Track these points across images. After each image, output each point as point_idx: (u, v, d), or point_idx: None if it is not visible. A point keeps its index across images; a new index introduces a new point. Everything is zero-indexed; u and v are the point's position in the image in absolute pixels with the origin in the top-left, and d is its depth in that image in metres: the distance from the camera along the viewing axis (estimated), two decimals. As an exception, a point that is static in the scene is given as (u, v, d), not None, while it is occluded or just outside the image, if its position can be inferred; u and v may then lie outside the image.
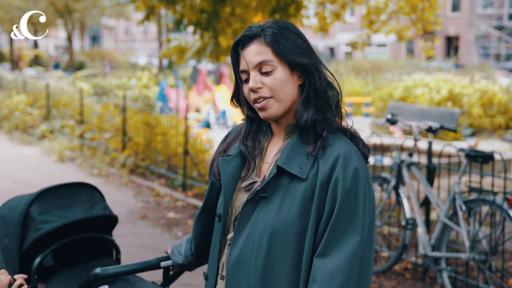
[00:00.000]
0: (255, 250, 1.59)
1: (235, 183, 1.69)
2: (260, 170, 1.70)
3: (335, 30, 42.33)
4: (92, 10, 34.32)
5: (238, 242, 1.63)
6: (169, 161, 8.35)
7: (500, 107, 13.54)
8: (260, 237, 1.59)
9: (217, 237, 1.72)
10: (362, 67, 22.14)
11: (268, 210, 1.60)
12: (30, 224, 2.42)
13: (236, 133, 1.79)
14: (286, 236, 1.57)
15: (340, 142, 1.62)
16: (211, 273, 1.74)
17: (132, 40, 59.98)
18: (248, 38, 1.64)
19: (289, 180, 1.59)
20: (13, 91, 14.90)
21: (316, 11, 10.03)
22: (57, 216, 2.46)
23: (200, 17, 7.46)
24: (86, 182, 2.71)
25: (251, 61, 1.62)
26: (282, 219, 1.58)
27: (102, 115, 10.38)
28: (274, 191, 1.61)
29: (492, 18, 38.77)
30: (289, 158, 1.61)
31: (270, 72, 1.61)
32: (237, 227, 1.64)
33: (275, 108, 1.63)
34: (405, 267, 5.09)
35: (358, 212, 1.56)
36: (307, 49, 1.64)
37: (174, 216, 6.70)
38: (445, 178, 6.70)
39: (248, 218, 1.62)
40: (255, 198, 1.62)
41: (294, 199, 1.58)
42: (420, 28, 9.70)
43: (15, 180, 8.11)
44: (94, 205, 2.59)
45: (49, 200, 2.51)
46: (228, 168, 1.70)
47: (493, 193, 4.30)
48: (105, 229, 2.66)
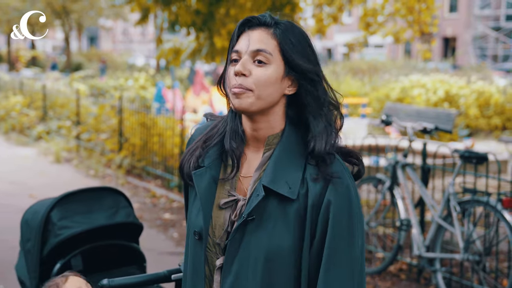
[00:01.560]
0: (250, 277, 1.49)
1: (212, 196, 1.56)
2: (239, 184, 1.57)
3: (333, 31, 42.37)
4: (90, 11, 34.28)
5: (231, 270, 1.51)
6: (165, 162, 8.34)
7: (497, 108, 13.56)
8: (255, 263, 1.49)
9: (200, 259, 1.56)
10: (359, 68, 22.16)
11: (259, 234, 1.49)
12: (51, 229, 2.37)
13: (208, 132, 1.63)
14: (281, 260, 1.49)
15: (333, 161, 1.52)
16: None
17: (129, 41, 59.97)
18: (258, 23, 1.52)
19: (278, 201, 1.49)
20: (9, 92, 14.89)
21: (313, 13, 10.04)
22: (77, 222, 2.39)
23: (195, 18, 7.47)
24: (111, 187, 2.63)
25: (251, 45, 1.49)
26: (275, 243, 1.48)
27: (98, 116, 10.38)
28: (262, 214, 1.49)
29: (489, 19, 38.84)
30: (275, 176, 1.48)
31: (263, 65, 1.48)
32: (228, 254, 1.51)
33: (250, 102, 1.48)
34: (400, 268, 5.09)
35: (354, 228, 1.50)
36: (314, 58, 1.52)
37: (170, 217, 6.70)
38: (439, 179, 6.71)
39: (238, 243, 1.51)
40: (243, 222, 1.50)
41: (286, 222, 1.49)
42: (417, 30, 9.72)
43: (11, 181, 8.10)
44: (118, 211, 2.51)
45: (71, 205, 2.44)
46: (202, 181, 1.56)
47: (487, 194, 4.31)
48: (130, 237, 2.57)
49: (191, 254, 1.60)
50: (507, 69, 30.85)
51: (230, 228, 1.54)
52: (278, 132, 1.54)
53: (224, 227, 1.55)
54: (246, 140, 1.57)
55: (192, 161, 1.60)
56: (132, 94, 16.19)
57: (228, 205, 1.55)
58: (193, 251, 1.58)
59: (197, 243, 1.56)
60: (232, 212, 1.55)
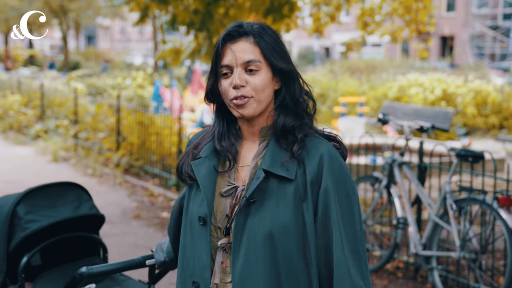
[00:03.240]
0: (259, 257, 1.58)
1: (213, 183, 1.67)
2: (237, 174, 1.69)
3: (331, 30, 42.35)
4: (87, 10, 34.24)
5: (239, 252, 1.60)
6: (163, 161, 8.35)
7: (494, 107, 13.59)
8: (262, 244, 1.58)
9: (206, 242, 1.64)
10: (357, 67, 22.18)
11: (262, 215, 1.59)
12: (17, 223, 2.42)
13: (201, 138, 1.76)
14: (286, 237, 1.58)
15: (321, 142, 1.67)
16: (203, 281, 1.64)
17: (127, 40, 59.91)
18: (239, 34, 1.64)
19: (277, 182, 1.61)
20: (7, 91, 14.88)
21: (311, 12, 10.05)
22: (44, 215, 2.46)
23: (193, 17, 7.47)
24: (73, 181, 2.71)
25: (240, 57, 1.62)
26: (279, 220, 1.58)
27: (96, 115, 10.39)
28: (264, 195, 1.61)
29: (487, 18, 38.87)
30: (273, 160, 1.62)
31: (256, 72, 1.62)
32: (234, 238, 1.60)
33: (253, 108, 1.64)
34: (396, 266, 5.11)
35: (353, 200, 1.64)
36: (288, 57, 1.69)
37: (168, 216, 6.71)
38: (436, 177, 6.73)
39: (243, 226, 1.60)
40: (246, 206, 1.61)
41: (286, 200, 1.60)
42: (414, 29, 9.74)
43: (7, 180, 8.11)
44: (81, 204, 2.59)
45: (36, 200, 2.51)
46: (202, 170, 1.68)
47: (483, 192, 4.33)
48: (93, 228, 2.66)
49: (194, 239, 1.68)
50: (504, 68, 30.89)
51: (230, 212, 1.65)
52: (270, 124, 1.69)
53: (224, 212, 1.66)
54: (242, 135, 1.72)
55: (188, 160, 1.73)
56: (130, 93, 16.20)
57: (228, 193, 1.66)
58: (197, 237, 1.67)
59: (201, 228, 1.66)
60: (232, 198, 1.66)
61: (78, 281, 1.96)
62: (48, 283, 2.36)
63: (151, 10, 7.90)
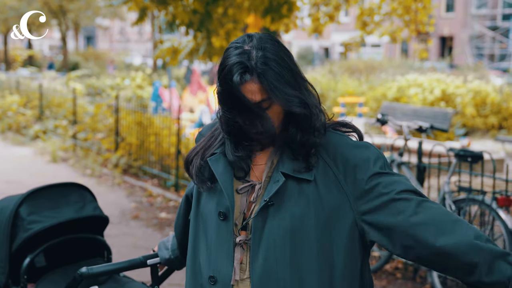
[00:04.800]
0: (280, 258, 1.58)
1: (230, 179, 1.66)
2: (252, 171, 1.69)
3: (330, 30, 42.36)
4: (87, 11, 34.22)
5: (258, 252, 1.60)
6: (162, 161, 8.35)
7: (493, 107, 13.58)
8: (282, 244, 1.58)
9: (227, 238, 1.64)
10: (356, 67, 22.18)
11: (282, 217, 1.59)
12: (20, 224, 2.41)
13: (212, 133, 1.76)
14: (306, 237, 1.58)
15: (335, 136, 1.68)
16: (222, 277, 1.62)
17: (127, 40, 59.89)
18: (244, 73, 1.57)
19: (296, 184, 1.61)
20: (6, 91, 14.87)
21: (310, 13, 10.05)
22: (46, 216, 2.44)
23: (192, 17, 7.46)
24: (77, 182, 2.69)
25: (252, 98, 1.57)
26: (298, 222, 1.59)
27: (95, 115, 10.37)
28: (282, 197, 1.60)
29: (486, 18, 38.89)
30: (290, 162, 1.62)
31: (268, 108, 1.59)
32: (253, 239, 1.61)
33: (269, 141, 1.66)
34: (395, 266, 5.11)
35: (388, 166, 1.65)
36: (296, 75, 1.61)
37: (166, 216, 6.71)
38: (435, 177, 6.72)
39: (262, 227, 1.60)
40: (265, 206, 1.61)
41: (306, 201, 1.60)
42: (413, 30, 9.74)
43: (7, 181, 8.10)
44: (84, 205, 2.57)
45: (39, 201, 2.49)
46: (219, 165, 1.67)
47: (482, 192, 4.32)
48: (96, 230, 2.64)
49: (213, 235, 1.66)
50: (503, 68, 30.91)
51: (247, 210, 1.65)
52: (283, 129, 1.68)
53: (241, 209, 1.65)
54: None
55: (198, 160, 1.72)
56: (129, 94, 16.20)
57: (244, 190, 1.66)
58: (215, 232, 1.65)
59: (221, 224, 1.65)
60: (248, 195, 1.66)
61: (78, 281, 1.94)
62: (50, 284, 2.35)
63: (149, 10, 7.89)
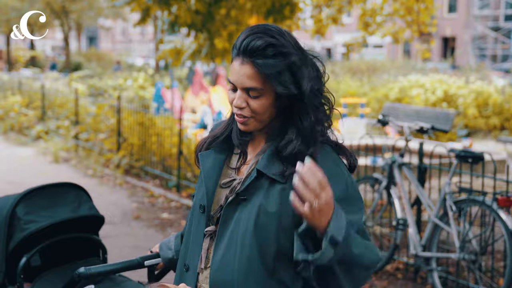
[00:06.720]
0: (238, 252, 1.63)
1: (216, 174, 1.74)
2: (242, 168, 1.75)
3: (332, 31, 42.34)
4: (89, 11, 34.24)
5: (220, 244, 1.66)
6: (163, 162, 8.36)
7: (495, 108, 13.57)
8: (243, 239, 1.62)
9: (201, 229, 1.73)
10: (358, 68, 22.17)
11: (249, 211, 1.63)
12: (16, 224, 2.42)
13: (222, 127, 1.81)
14: (269, 233, 1.62)
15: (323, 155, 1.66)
16: (192, 265, 1.73)
17: (129, 40, 59.93)
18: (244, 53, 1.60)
19: (269, 183, 1.64)
20: (8, 92, 14.89)
21: (312, 14, 10.05)
22: (43, 216, 2.46)
23: (195, 18, 7.48)
24: (72, 182, 2.71)
25: (242, 83, 1.62)
26: (263, 220, 1.62)
27: (97, 116, 10.39)
28: (254, 193, 1.64)
29: (488, 19, 38.85)
30: (269, 162, 1.65)
31: (257, 97, 1.63)
32: (220, 229, 1.67)
33: (253, 126, 1.68)
34: (396, 267, 5.11)
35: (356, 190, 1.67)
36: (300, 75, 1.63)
37: (168, 217, 6.72)
38: (436, 178, 6.72)
39: (230, 220, 1.66)
40: (236, 200, 1.66)
41: (274, 200, 1.63)
42: (415, 30, 9.74)
43: (9, 181, 8.11)
44: (80, 205, 2.59)
45: (35, 200, 2.51)
46: (207, 161, 1.76)
47: (483, 193, 4.32)
48: (92, 229, 2.66)
49: (192, 225, 1.77)
50: (506, 69, 30.86)
51: (224, 203, 1.71)
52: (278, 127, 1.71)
53: (219, 203, 1.73)
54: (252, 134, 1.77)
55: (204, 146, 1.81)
56: (131, 94, 16.21)
57: (227, 185, 1.73)
58: (196, 223, 1.75)
59: (200, 216, 1.74)
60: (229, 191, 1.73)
61: (76, 281, 1.96)
62: (47, 283, 2.37)
63: (152, 11, 7.91)
